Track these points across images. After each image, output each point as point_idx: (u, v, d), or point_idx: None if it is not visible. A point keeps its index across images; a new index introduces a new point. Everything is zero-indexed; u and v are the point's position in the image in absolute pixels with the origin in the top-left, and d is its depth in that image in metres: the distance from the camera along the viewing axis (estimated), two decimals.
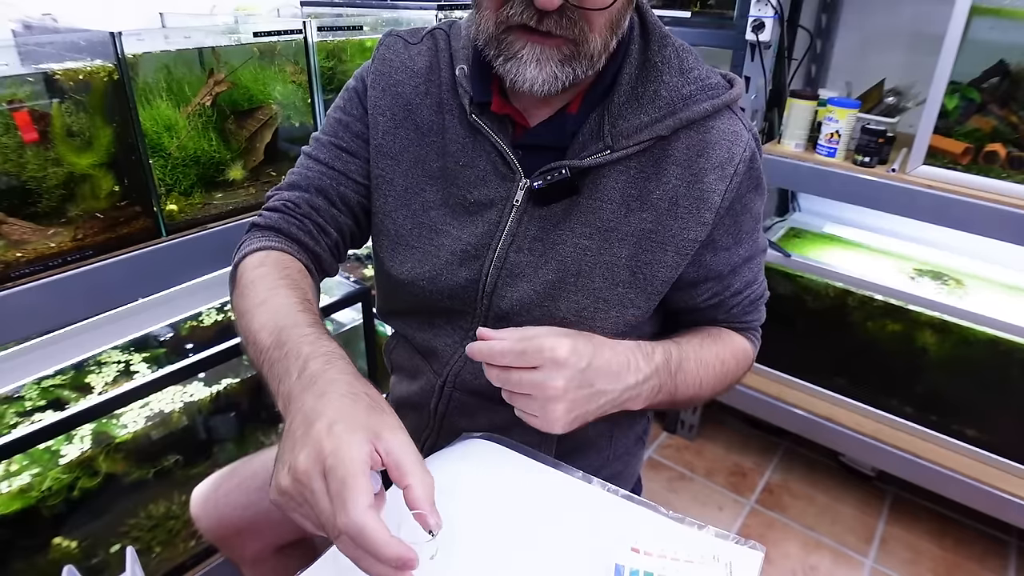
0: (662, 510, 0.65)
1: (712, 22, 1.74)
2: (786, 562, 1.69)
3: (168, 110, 1.15)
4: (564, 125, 0.71)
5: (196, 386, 1.38)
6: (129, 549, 0.69)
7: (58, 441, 1.17)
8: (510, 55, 0.64)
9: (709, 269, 0.76)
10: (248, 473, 1.01)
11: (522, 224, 0.73)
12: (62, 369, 1.25)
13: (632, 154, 0.69)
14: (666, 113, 0.68)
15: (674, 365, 0.73)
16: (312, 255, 0.78)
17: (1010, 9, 1.38)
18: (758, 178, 0.75)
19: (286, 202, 0.79)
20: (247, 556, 1.02)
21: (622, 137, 0.69)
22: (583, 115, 0.71)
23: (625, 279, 0.72)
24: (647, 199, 0.70)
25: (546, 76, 0.64)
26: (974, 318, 1.56)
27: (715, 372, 0.79)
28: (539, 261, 0.73)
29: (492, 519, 0.64)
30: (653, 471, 1.98)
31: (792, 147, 1.67)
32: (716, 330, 0.84)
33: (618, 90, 0.70)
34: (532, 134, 0.73)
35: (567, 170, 0.69)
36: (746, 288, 0.81)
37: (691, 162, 0.69)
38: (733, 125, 0.71)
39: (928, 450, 1.66)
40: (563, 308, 0.73)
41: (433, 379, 0.84)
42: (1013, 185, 1.40)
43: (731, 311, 0.82)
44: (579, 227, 0.72)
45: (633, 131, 0.69)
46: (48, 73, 0.99)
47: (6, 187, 0.99)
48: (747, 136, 0.71)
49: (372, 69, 0.80)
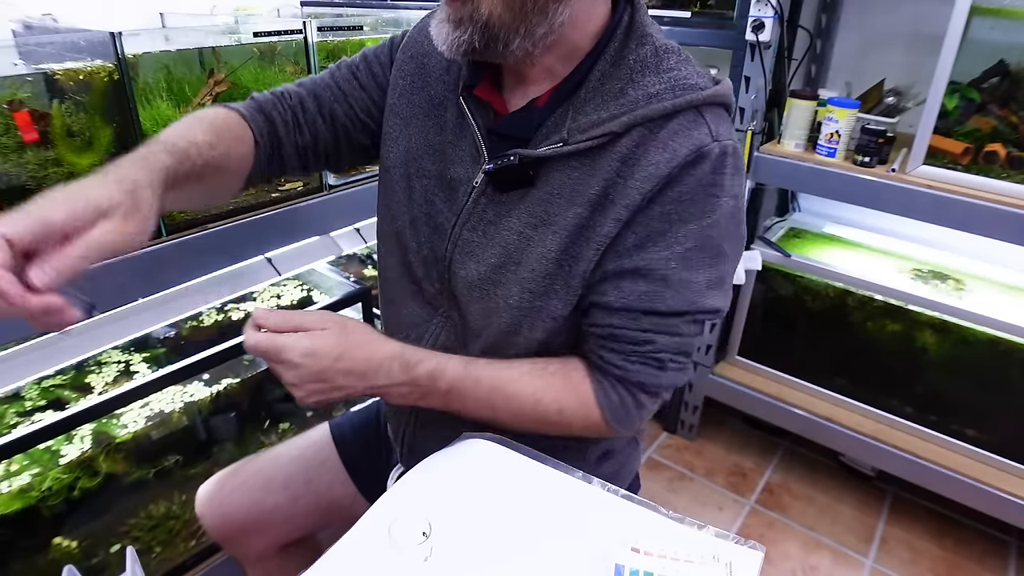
0: (662, 510, 0.65)
1: (712, 22, 1.74)
2: (786, 562, 1.69)
3: (168, 110, 1.15)
4: (532, 117, 0.73)
5: (196, 386, 1.38)
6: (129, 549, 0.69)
7: (58, 441, 1.17)
8: (435, 19, 0.68)
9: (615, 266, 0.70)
10: (252, 471, 1.01)
11: (478, 205, 0.75)
12: (62, 369, 1.25)
13: (585, 149, 0.68)
14: (626, 111, 0.67)
15: (445, 383, 0.73)
16: (275, 137, 0.81)
17: (1010, 9, 1.38)
18: (700, 193, 0.67)
19: (285, 91, 0.84)
20: (252, 554, 1.03)
21: (578, 131, 0.69)
22: (550, 109, 0.72)
23: (552, 271, 0.72)
24: (585, 193, 0.69)
25: (442, 36, 0.67)
26: (974, 318, 1.56)
27: (520, 408, 0.74)
28: (487, 243, 0.75)
29: (492, 519, 0.64)
30: (653, 471, 1.98)
31: (792, 147, 1.67)
32: (567, 366, 0.76)
33: (587, 86, 0.70)
34: (503, 122, 0.75)
35: (516, 157, 0.70)
36: (637, 319, 0.70)
37: (632, 158, 0.67)
38: (693, 128, 0.66)
39: (928, 450, 1.66)
40: (501, 293, 0.75)
41: None
42: (1013, 185, 1.40)
43: (601, 335, 0.73)
44: (526, 216, 0.72)
45: (589, 126, 0.68)
46: (48, 73, 0.99)
47: (6, 187, 0.99)
48: (708, 142, 0.66)
49: (409, 35, 0.85)
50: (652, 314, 0.70)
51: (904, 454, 1.67)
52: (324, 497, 1.01)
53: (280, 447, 1.05)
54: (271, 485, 0.99)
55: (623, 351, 0.73)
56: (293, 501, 1.00)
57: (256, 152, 0.79)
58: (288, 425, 1.60)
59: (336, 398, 0.71)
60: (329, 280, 1.57)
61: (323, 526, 1.03)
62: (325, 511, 1.01)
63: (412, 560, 0.58)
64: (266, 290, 1.60)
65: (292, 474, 1.01)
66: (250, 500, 0.98)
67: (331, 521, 1.03)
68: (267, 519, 0.99)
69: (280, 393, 1.62)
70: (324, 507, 1.01)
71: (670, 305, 0.70)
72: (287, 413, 1.62)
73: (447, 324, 0.81)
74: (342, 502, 1.01)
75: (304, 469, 1.01)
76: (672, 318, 0.71)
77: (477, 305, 0.77)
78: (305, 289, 1.61)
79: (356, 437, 1.04)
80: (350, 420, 1.08)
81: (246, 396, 1.50)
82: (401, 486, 0.69)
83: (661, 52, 0.70)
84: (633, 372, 0.73)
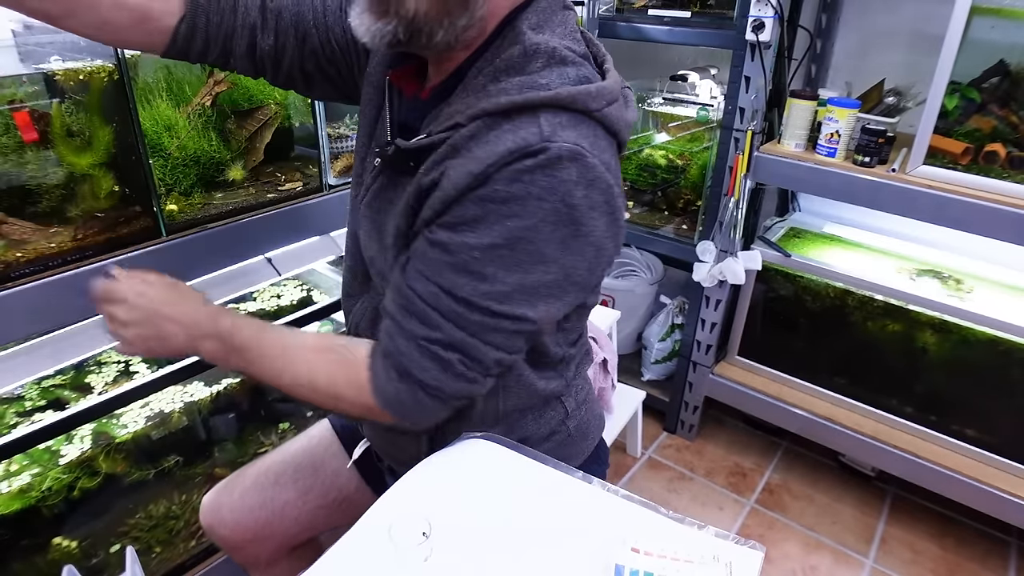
0: (662, 510, 0.65)
1: (712, 22, 1.74)
2: (786, 562, 1.69)
3: (168, 110, 1.15)
4: (416, 108, 0.75)
5: (196, 386, 1.38)
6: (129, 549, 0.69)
7: (58, 441, 1.17)
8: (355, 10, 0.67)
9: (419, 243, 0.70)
10: (263, 469, 1.02)
11: (374, 185, 0.78)
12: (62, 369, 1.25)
13: (441, 140, 0.67)
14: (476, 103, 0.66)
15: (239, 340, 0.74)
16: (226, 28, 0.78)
17: (1010, 9, 1.38)
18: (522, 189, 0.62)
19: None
20: (263, 559, 1.03)
21: (437, 122, 0.70)
22: (433, 102, 0.73)
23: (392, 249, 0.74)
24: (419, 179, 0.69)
25: (364, 27, 0.66)
26: (974, 318, 1.56)
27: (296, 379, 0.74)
28: (375, 219, 0.77)
29: (492, 519, 0.64)
30: (653, 471, 1.98)
31: (792, 147, 1.67)
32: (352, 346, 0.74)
33: (464, 83, 0.70)
34: (400, 110, 0.78)
35: (391, 148, 0.71)
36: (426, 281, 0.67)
37: (456, 147, 0.65)
38: (523, 127, 0.62)
39: (928, 450, 1.66)
40: (385, 269, 0.77)
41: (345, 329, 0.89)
42: (1013, 185, 1.40)
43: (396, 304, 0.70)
44: (395, 198, 0.74)
45: (445, 118, 0.68)
46: (48, 73, 0.99)
47: (6, 187, 0.99)
48: (535, 142, 0.62)
49: None
50: (447, 294, 0.66)
51: (904, 454, 1.67)
52: (332, 487, 1.02)
53: (283, 446, 1.07)
54: (282, 480, 1.01)
55: (412, 335, 0.68)
56: (303, 495, 1.01)
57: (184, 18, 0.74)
58: (288, 425, 1.60)
59: (157, 350, 0.74)
60: (329, 280, 1.58)
61: (331, 523, 1.04)
62: (333, 503, 1.02)
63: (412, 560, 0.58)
64: (266, 290, 1.61)
65: (300, 465, 1.03)
66: (261, 500, 0.99)
67: (339, 515, 1.03)
68: (278, 518, 0.99)
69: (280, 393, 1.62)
70: (332, 498, 1.02)
71: (465, 292, 0.66)
72: (287, 413, 1.63)
73: (367, 299, 0.84)
74: (348, 490, 1.03)
75: (311, 459, 1.03)
76: (464, 307, 0.66)
77: (376, 279, 0.80)
78: (305, 289, 1.61)
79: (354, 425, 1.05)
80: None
81: (246, 396, 1.50)
82: (401, 486, 0.69)
83: (530, 53, 0.66)
84: (416, 365, 0.68)
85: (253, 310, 1.53)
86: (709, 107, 1.90)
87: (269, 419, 1.58)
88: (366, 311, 0.84)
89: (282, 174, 1.37)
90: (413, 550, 0.55)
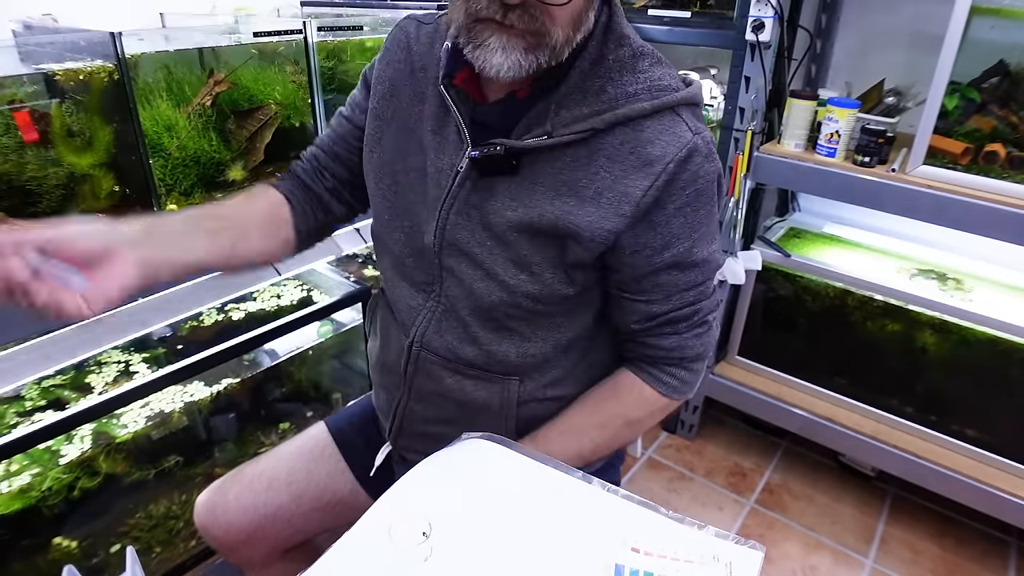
0: (662, 510, 0.65)
1: (712, 22, 1.74)
2: (786, 562, 1.69)
3: (168, 110, 1.15)
4: (512, 109, 0.75)
5: (196, 386, 1.38)
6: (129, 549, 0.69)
7: (58, 441, 1.17)
8: (478, 43, 0.68)
9: (625, 264, 0.77)
10: (257, 472, 1.02)
11: (463, 190, 0.78)
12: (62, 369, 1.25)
13: (568, 143, 0.73)
14: (607, 108, 0.72)
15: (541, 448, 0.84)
16: (308, 190, 0.93)
17: (1010, 9, 1.38)
18: (700, 183, 0.74)
19: (303, 154, 0.96)
20: (256, 560, 1.03)
21: (561, 125, 0.72)
22: (530, 102, 0.74)
23: (545, 250, 0.77)
24: (575, 186, 0.73)
25: (511, 63, 0.68)
26: (974, 318, 1.56)
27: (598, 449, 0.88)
28: (474, 227, 0.78)
29: (492, 519, 0.64)
30: (653, 471, 1.98)
31: (792, 147, 1.67)
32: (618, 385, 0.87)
33: (567, 82, 0.73)
34: (483, 111, 0.77)
35: (502, 147, 0.73)
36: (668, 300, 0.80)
37: (621, 157, 0.72)
38: (674, 126, 0.72)
39: (928, 450, 1.66)
40: (500, 273, 0.78)
41: (402, 339, 0.89)
42: (1013, 185, 1.40)
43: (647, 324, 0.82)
44: (510, 202, 0.75)
45: (572, 121, 0.72)
46: (48, 73, 0.99)
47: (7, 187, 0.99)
48: (689, 138, 0.72)
49: (384, 47, 0.88)
50: (692, 288, 0.80)
51: (904, 454, 1.67)
52: (326, 490, 1.02)
53: (278, 448, 1.06)
54: (275, 484, 1.00)
55: (677, 331, 0.82)
56: (297, 498, 1.00)
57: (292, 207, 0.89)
58: (288, 425, 1.60)
59: None
60: (329, 280, 1.58)
61: (325, 525, 1.04)
62: (327, 506, 1.02)
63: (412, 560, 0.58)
64: (266, 290, 1.61)
65: (294, 468, 1.02)
66: (255, 502, 0.99)
67: (333, 518, 1.03)
68: (271, 521, 0.99)
69: (280, 393, 1.62)
70: (326, 501, 1.02)
71: (704, 276, 0.80)
72: (287, 413, 1.63)
73: (438, 307, 0.85)
74: (343, 493, 1.02)
75: (305, 462, 1.03)
76: (705, 283, 0.81)
77: (466, 284, 0.80)
78: (305, 289, 1.61)
79: (351, 428, 1.06)
80: (347, 413, 1.10)
81: (246, 396, 1.50)
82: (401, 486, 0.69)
83: (638, 53, 0.74)
84: (689, 347, 0.83)
85: (253, 310, 1.54)
86: (709, 107, 1.90)
87: (269, 419, 1.58)
88: (431, 319, 0.85)
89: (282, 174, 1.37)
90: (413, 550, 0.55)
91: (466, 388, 0.86)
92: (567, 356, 0.87)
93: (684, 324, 0.82)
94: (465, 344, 0.84)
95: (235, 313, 1.52)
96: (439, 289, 0.84)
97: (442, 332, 0.84)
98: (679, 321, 0.81)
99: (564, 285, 0.78)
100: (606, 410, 0.87)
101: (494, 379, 0.85)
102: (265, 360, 1.52)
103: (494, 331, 0.83)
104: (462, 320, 0.83)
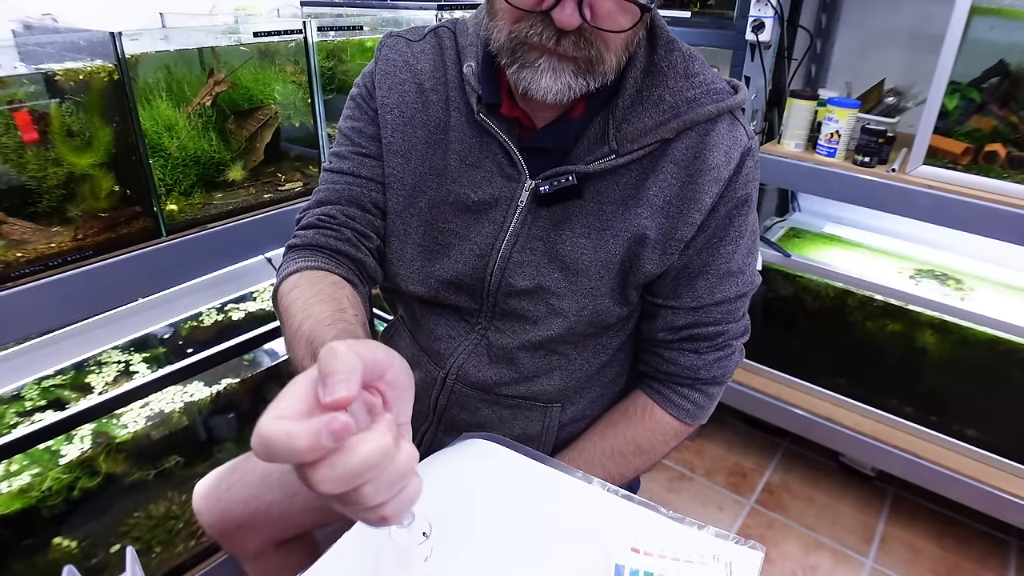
0: (662, 510, 0.65)
1: (712, 22, 1.74)
2: (786, 562, 1.69)
3: (168, 110, 1.15)
4: (567, 129, 0.72)
5: (196, 386, 1.38)
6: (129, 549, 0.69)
7: (58, 441, 1.17)
8: (526, 63, 0.65)
9: (670, 267, 0.75)
10: (250, 467, 1.01)
11: (526, 224, 0.74)
12: (62, 369, 1.25)
13: (636, 158, 0.71)
14: (670, 116, 0.70)
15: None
16: (355, 262, 0.77)
17: (1010, 9, 1.38)
18: (750, 187, 0.74)
19: (319, 216, 0.77)
20: (249, 551, 1.03)
21: (627, 141, 0.70)
22: (586, 120, 0.72)
23: (614, 273, 0.75)
24: (643, 196, 0.72)
25: (560, 87, 0.65)
26: (974, 318, 1.56)
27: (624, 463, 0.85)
28: (541, 260, 0.75)
29: (492, 519, 0.64)
30: (653, 471, 1.97)
31: (792, 147, 1.66)
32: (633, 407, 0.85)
33: (623, 94, 0.71)
34: (537, 136, 0.74)
35: (573, 176, 0.71)
36: (695, 312, 0.77)
37: (688, 163, 0.71)
38: (734, 130, 0.72)
39: (928, 450, 1.66)
40: (556, 304, 0.76)
41: (434, 371, 0.84)
42: (1013, 185, 1.40)
43: (669, 336, 0.79)
44: (579, 227, 0.73)
45: (638, 135, 0.70)
46: (48, 73, 0.99)
47: (6, 187, 0.99)
48: (746, 141, 0.73)
49: (376, 70, 0.80)
50: (723, 303, 0.77)
51: (904, 454, 1.66)
52: None
53: None
54: (268, 481, 0.99)
55: (697, 350, 0.79)
56: (290, 497, 1.00)
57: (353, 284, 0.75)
58: None
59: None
60: None
61: (319, 522, 1.03)
62: (321, 506, 1.01)
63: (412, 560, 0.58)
64: (266, 290, 1.61)
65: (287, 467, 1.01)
66: (248, 495, 0.99)
67: (327, 514, 1.03)
68: (263, 516, 0.99)
69: None
70: (320, 502, 1.01)
71: (736, 291, 0.77)
72: None
73: (482, 340, 0.81)
74: None
75: None
76: (736, 302, 0.79)
77: (524, 318, 0.77)
78: None
79: None
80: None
81: (246, 396, 1.50)
82: None
83: (687, 57, 0.72)
84: (706, 368, 0.80)
85: (253, 310, 1.54)
86: None
87: None
88: (472, 349, 0.81)
89: (282, 174, 1.37)
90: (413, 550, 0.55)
91: (504, 417, 0.83)
92: (605, 373, 0.86)
93: (706, 344, 0.79)
94: (508, 375, 0.81)
95: (235, 313, 1.52)
96: (485, 322, 0.80)
97: (483, 365, 0.81)
98: (701, 339, 0.79)
99: (620, 306, 0.77)
100: (617, 434, 0.84)
101: (535, 407, 0.83)
102: (265, 360, 1.52)
103: (542, 359, 0.80)
104: (508, 352, 0.80)
